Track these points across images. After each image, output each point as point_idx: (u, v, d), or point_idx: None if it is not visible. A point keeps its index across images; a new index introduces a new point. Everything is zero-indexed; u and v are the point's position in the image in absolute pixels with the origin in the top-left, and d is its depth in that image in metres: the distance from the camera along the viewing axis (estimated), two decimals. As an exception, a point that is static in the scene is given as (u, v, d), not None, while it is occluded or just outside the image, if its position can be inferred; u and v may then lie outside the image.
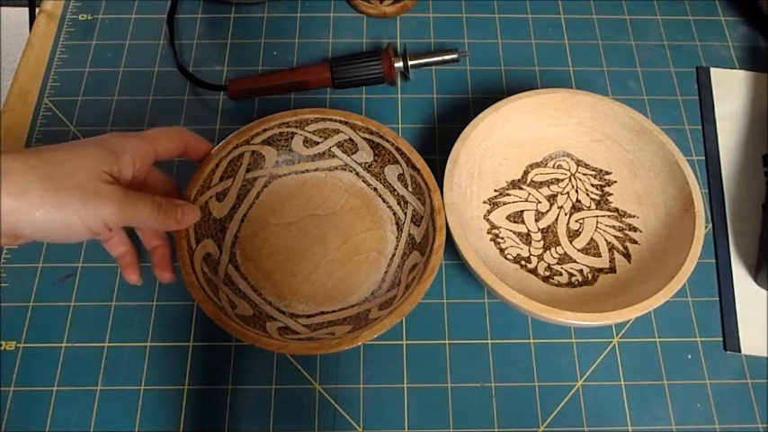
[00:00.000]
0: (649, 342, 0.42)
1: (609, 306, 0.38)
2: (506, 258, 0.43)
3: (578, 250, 0.44)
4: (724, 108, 0.51)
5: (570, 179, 0.46)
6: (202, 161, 0.41)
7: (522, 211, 0.45)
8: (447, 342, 0.42)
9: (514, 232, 0.44)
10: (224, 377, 0.41)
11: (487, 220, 0.44)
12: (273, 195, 0.45)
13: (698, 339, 0.42)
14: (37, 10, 0.55)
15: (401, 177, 0.44)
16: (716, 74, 0.53)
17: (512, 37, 0.54)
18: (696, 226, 0.40)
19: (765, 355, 0.42)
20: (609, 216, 0.45)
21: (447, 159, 0.42)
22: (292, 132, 0.45)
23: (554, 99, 0.45)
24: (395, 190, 0.44)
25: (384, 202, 0.45)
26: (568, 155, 0.47)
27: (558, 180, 0.46)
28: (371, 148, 0.44)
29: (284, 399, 0.40)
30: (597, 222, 0.45)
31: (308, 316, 0.41)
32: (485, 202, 0.45)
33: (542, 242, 0.44)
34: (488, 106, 0.44)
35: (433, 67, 0.52)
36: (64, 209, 0.30)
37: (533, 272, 0.43)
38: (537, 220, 0.45)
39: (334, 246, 0.43)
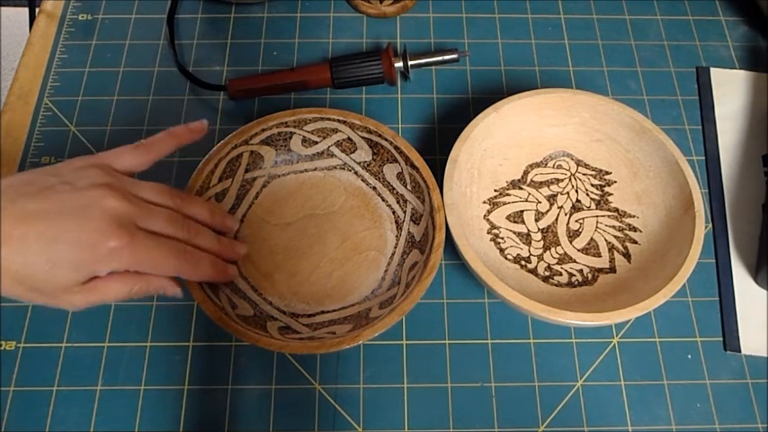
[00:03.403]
0: (649, 342, 0.42)
1: (609, 306, 0.38)
2: (506, 258, 0.43)
3: (578, 250, 0.44)
4: (724, 108, 0.51)
5: (570, 179, 0.46)
6: (202, 162, 0.41)
7: (522, 211, 0.45)
8: (447, 342, 0.42)
9: (514, 232, 0.44)
10: (224, 377, 0.41)
11: (487, 220, 0.44)
12: (272, 195, 0.45)
13: (698, 339, 0.42)
14: (37, 10, 0.55)
15: (400, 176, 0.44)
16: (716, 74, 0.53)
17: (512, 37, 0.54)
18: (696, 226, 0.40)
19: (765, 355, 0.42)
20: (609, 216, 0.45)
21: (447, 159, 0.42)
22: (291, 132, 0.45)
23: (554, 99, 0.45)
24: (394, 189, 0.44)
25: (383, 200, 0.45)
26: (568, 155, 0.47)
27: (558, 180, 0.46)
28: (370, 147, 0.44)
29: (284, 399, 0.40)
30: (597, 222, 0.45)
31: (309, 315, 0.41)
32: (485, 202, 0.45)
33: (542, 242, 0.44)
34: (488, 106, 0.44)
35: (433, 67, 0.52)
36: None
37: (533, 272, 0.43)
38: (537, 220, 0.45)
39: (334, 245, 0.43)
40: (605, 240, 0.44)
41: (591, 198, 0.45)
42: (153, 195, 0.35)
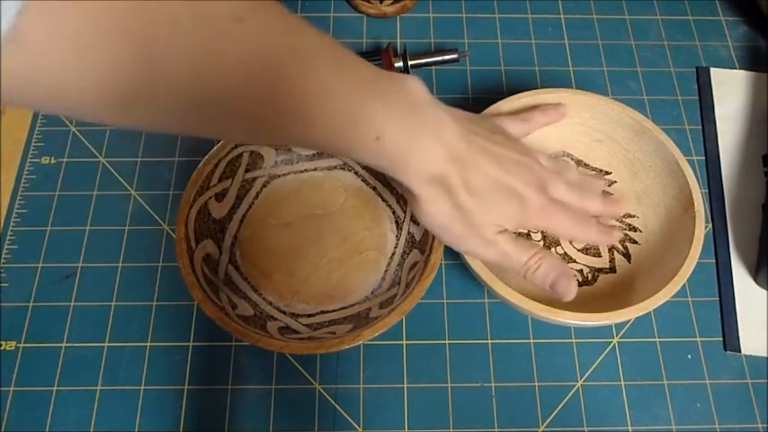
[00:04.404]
0: (649, 342, 0.42)
1: (609, 306, 0.38)
2: (506, 258, 0.43)
3: (578, 250, 0.44)
4: (724, 108, 0.51)
5: (570, 179, 0.46)
6: (202, 162, 0.41)
7: (522, 211, 0.45)
8: (447, 342, 0.42)
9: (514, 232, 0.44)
10: (224, 377, 0.41)
11: (487, 219, 0.44)
12: (272, 195, 0.45)
13: (698, 339, 0.42)
14: (37, 10, 0.55)
15: (401, 177, 0.43)
16: (716, 74, 0.53)
17: (512, 37, 0.54)
18: (696, 226, 0.40)
19: (765, 355, 0.42)
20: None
21: (447, 159, 0.42)
22: (292, 132, 0.45)
23: (554, 99, 0.45)
24: (394, 188, 0.44)
25: (383, 200, 0.45)
26: (568, 155, 0.47)
27: (558, 180, 0.46)
28: (371, 147, 0.44)
29: (284, 399, 0.40)
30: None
31: (309, 315, 0.41)
32: (485, 202, 0.45)
33: (542, 242, 0.44)
34: (488, 106, 0.44)
35: (433, 67, 0.52)
36: None
37: (533, 272, 0.43)
38: (537, 220, 0.45)
39: (334, 245, 0.43)
40: (605, 240, 0.44)
41: (591, 198, 0.45)
42: (548, 162, 0.37)
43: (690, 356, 0.42)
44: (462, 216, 0.33)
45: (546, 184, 0.35)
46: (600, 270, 0.43)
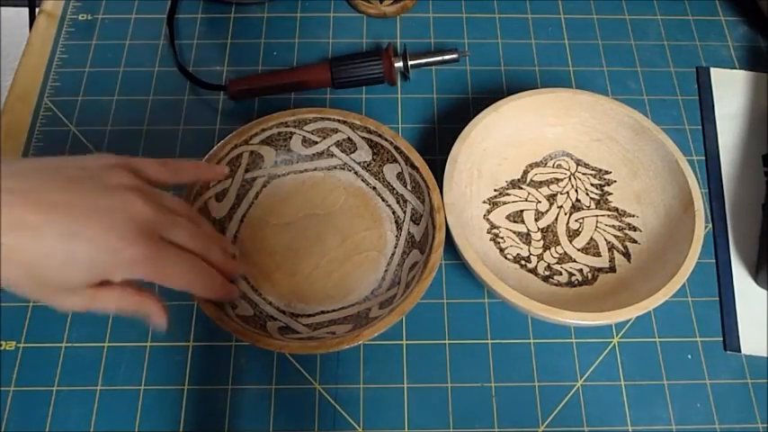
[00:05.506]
0: (649, 342, 0.42)
1: (609, 306, 0.38)
2: (506, 258, 0.43)
3: (578, 250, 0.44)
4: (724, 108, 0.51)
5: (570, 179, 0.46)
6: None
7: (522, 211, 0.45)
8: (447, 342, 0.42)
9: (514, 232, 0.44)
10: (224, 377, 0.41)
11: (487, 219, 0.44)
12: (272, 195, 0.45)
13: (698, 339, 0.42)
14: (37, 10, 0.55)
15: (400, 176, 0.44)
16: (716, 74, 0.53)
17: (512, 37, 0.54)
18: (696, 225, 0.40)
19: (765, 355, 0.42)
20: (608, 215, 0.45)
21: (447, 159, 0.42)
22: (291, 132, 0.45)
23: (554, 99, 0.45)
24: (394, 189, 0.44)
25: (383, 200, 0.45)
26: (568, 154, 0.47)
27: (558, 179, 0.46)
28: (370, 147, 0.44)
29: (284, 399, 0.40)
30: (597, 222, 0.45)
31: (309, 315, 0.41)
32: (484, 202, 0.45)
33: (542, 242, 0.44)
34: (488, 106, 0.44)
35: (433, 67, 0.52)
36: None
37: (533, 271, 0.43)
38: (537, 220, 0.45)
39: (334, 245, 0.43)
40: (605, 240, 0.44)
41: (591, 197, 0.45)
42: (177, 206, 0.34)
43: (690, 356, 0.42)
44: (40, 284, 0.29)
45: (163, 228, 0.31)
46: (600, 270, 0.43)
